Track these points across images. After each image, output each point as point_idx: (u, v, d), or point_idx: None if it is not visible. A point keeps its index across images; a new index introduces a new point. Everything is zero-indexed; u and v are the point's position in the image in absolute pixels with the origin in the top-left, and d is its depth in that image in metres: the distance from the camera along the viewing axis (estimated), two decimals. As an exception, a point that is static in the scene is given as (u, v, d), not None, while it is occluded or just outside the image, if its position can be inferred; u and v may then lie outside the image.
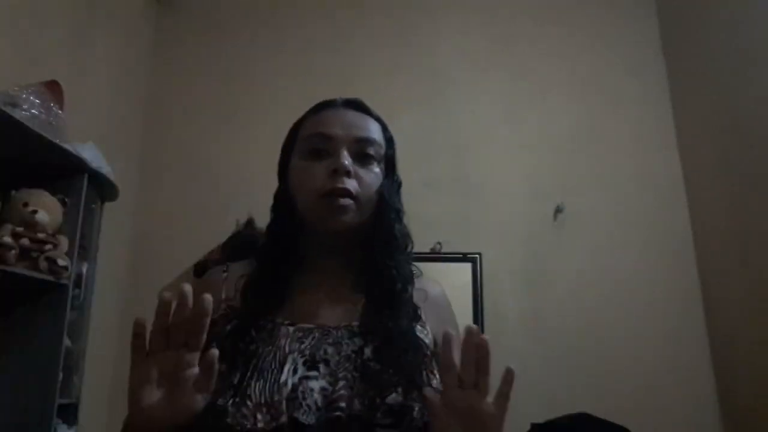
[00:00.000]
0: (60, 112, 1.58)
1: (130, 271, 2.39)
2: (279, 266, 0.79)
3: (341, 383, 0.68)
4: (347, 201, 0.76)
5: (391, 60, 2.59)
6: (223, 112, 2.59)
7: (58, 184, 1.59)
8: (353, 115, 0.83)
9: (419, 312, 0.79)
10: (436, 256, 2.27)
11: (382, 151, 0.84)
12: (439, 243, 2.29)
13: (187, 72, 2.67)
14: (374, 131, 0.83)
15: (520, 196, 2.40)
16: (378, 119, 0.87)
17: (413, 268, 0.83)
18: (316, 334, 0.73)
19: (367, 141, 0.81)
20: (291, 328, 0.74)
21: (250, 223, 2.27)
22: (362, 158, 0.80)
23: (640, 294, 2.24)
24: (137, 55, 2.57)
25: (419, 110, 2.48)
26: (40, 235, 1.46)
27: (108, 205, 1.92)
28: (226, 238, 2.26)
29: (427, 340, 0.77)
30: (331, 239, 0.80)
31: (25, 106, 1.44)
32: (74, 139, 1.64)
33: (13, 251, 1.38)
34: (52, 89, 1.59)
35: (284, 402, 0.65)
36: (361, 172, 0.79)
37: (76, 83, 1.88)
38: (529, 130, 2.47)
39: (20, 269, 1.39)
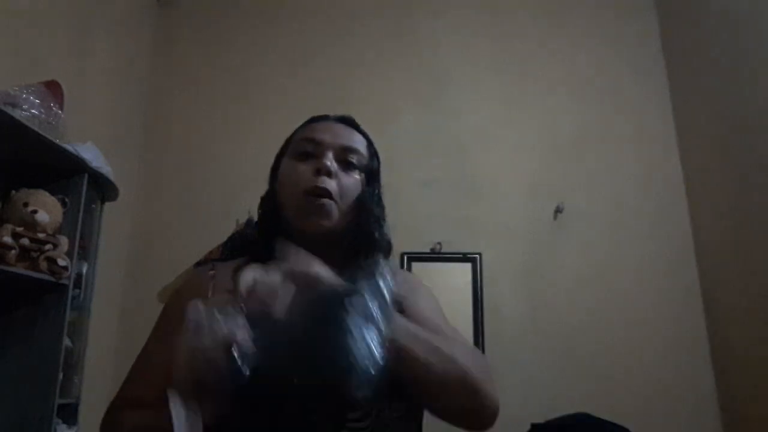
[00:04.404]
0: (60, 112, 1.57)
1: (130, 271, 2.39)
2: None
3: None
4: (327, 201, 0.81)
5: (391, 60, 2.59)
6: (223, 111, 2.59)
7: (58, 184, 1.59)
8: (342, 128, 0.90)
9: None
10: (436, 256, 2.27)
11: (365, 162, 0.89)
12: (439, 243, 2.29)
13: (187, 72, 2.67)
14: (359, 143, 0.90)
15: (520, 196, 2.39)
16: (365, 135, 0.93)
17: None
18: None
19: (351, 150, 0.87)
20: None
21: (250, 223, 2.26)
22: (345, 165, 0.86)
23: (639, 294, 2.24)
24: (137, 55, 2.57)
25: (419, 110, 2.46)
26: (40, 235, 1.46)
27: (108, 205, 1.92)
28: (226, 238, 2.26)
29: None
30: (311, 241, 0.80)
31: (25, 106, 1.44)
32: (74, 139, 1.64)
33: (13, 251, 1.38)
34: (52, 89, 1.59)
35: None
36: (343, 176, 0.84)
37: (76, 83, 1.88)
38: (529, 130, 2.47)
39: (20, 269, 1.39)
